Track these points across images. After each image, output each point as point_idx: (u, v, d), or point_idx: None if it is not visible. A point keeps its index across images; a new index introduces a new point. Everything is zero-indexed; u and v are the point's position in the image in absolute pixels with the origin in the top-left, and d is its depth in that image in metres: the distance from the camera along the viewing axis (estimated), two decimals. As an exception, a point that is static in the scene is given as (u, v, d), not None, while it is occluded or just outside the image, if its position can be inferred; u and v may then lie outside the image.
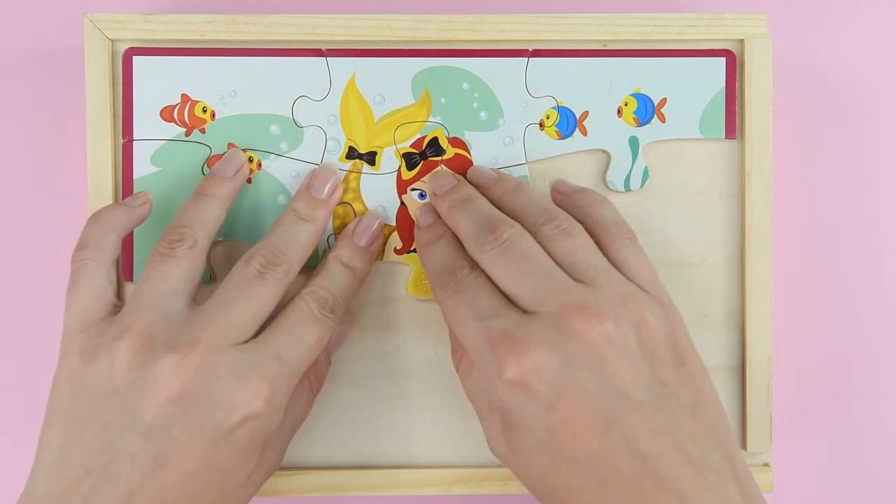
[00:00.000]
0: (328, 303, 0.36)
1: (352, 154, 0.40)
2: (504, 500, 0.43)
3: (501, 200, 0.37)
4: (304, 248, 0.37)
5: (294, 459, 0.40)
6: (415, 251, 0.40)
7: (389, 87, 0.40)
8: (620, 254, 0.35)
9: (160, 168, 0.39)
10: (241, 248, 0.39)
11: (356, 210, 0.40)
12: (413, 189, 0.40)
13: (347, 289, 0.37)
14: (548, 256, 0.34)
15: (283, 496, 0.39)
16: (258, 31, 0.39)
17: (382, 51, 0.40)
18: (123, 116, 0.39)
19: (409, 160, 0.40)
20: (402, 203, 0.40)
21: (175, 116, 0.39)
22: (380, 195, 0.40)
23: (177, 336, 0.33)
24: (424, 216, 0.38)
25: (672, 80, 0.40)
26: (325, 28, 0.39)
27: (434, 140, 0.40)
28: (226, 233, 0.39)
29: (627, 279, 0.34)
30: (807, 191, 0.44)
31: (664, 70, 0.40)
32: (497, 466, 0.40)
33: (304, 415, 0.37)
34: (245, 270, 0.35)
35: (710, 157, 0.40)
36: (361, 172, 0.40)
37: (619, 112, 0.40)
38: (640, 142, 0.40)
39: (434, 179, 0.39)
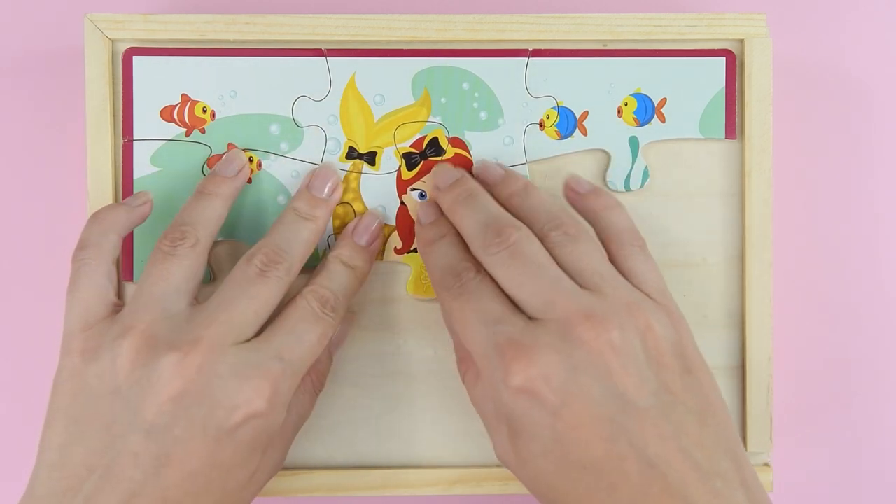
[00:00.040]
0: (329, 302, 0.36)
1: (352, 154, 0.40)
2: (504, 500, 0.43)
3: (509, 201, 0.37)
4: (306, 247, 0.37)
5: (294, 459, 0.40)
6: (415, 251, 0.40)
7: (389, 87, 0.40)
8: (629, 261, 0.35)
9: (160, 168, 0.39)
10: (242, 248, 0.39)
11: (356, 210, 0.40)
12: (413, 189, 0.40)
13: (348, 288, 0.37)
14: (554, 262, 0.34)
15: (284, 496, 0.39)
16: (258, 31, 0.39)
17: (382, 51, 0.40)
18: (123, 116, 0.39)
19: (409, 160, 0.40)
20: (402, 203, 0.40)
21: (175, 116, 0.39)
22: (380, 195, 0.40)
23: (178, 335, 0.33)
24: (426, 212, 0.38)
25: (672, 80, 0.40)
26: (325, 28, 0.39)
27: (434, 140, 0.40)
28: (226, 233, 0.39)
29: (634, 287, 0.34)
30: (807, 191, 0.44)
31: (664, 70, 0.40)
32: (497, 466, 0.40)
33: (306, 414, 0.37)
34: (246, 269, 0.35)
35: (710, 157, 0.40)
36: (361, 172, 0.40)
37: (619, 112, 0.40)
38: (640, 142, 0.40)
39: (437, 173, 0.38)
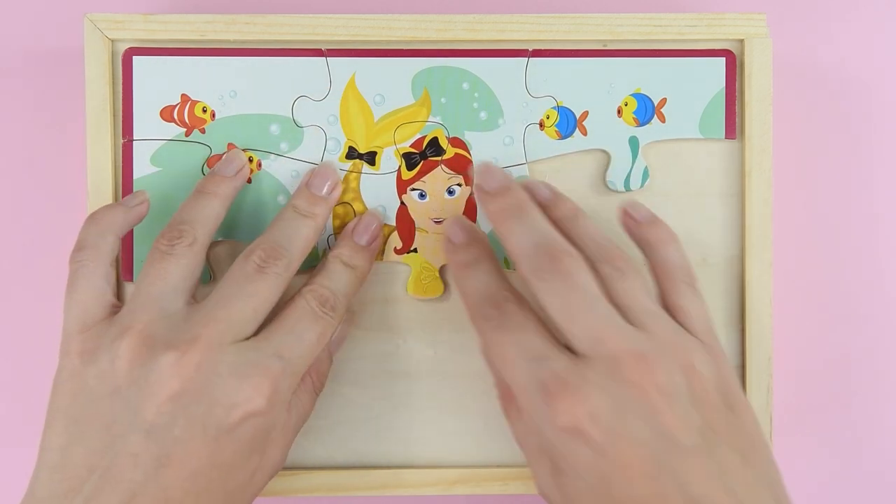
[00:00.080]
0: (329, 301, 0.36)
1: (352, 154, 0.40)
2: (504, 500, 0.43)
3: (556, 224, 0.36)
4: (305, 244, 0.37)
5: (294, 459, 0.40)
6: (415, 251, 0.40)
7: (389, 87, 0.40)
8: (678, 298, 0.35)
9: (160, 168, 0.39)
10: (241, 248, 0.39)
11: (356, 210, 0.40)
12: (413, 189, 0.40)
13: (348, 287, 0.37)
14: (603, 295, 0.33)
15: (284, 496, 0.39)
16: (258, 31, 0.39)
17: (382, 51, 0.40)
18: (123, 116, 0.39)
19: (409, 160, 0.40)
20: (402, 203, 0.40)
21: (175, 116, 0.39)
22: (380, 195, 0.40)
23: (176, 334, 0.33)
24: (457, 231, 0.37)
25: (672, 80, 0.40)
26: (325, 28, 0.39)
27: (434, 140, 0.40)
28: (226, 233, 0.39)
29: (680, 324, 0.34)
30: (807, 191, 0.44)
31: (664, 70, 0.40)
32: (497, 466, 0.40)
33: (307, 414, 0.37)
34: (245, 266, 0.35)
35: (710, 157, 0.40)
36: (361, 172, 0.40)
37: (619, 112, 0.40)
38: (640, 142, 0.40)
39: (483, 173, 0.36)
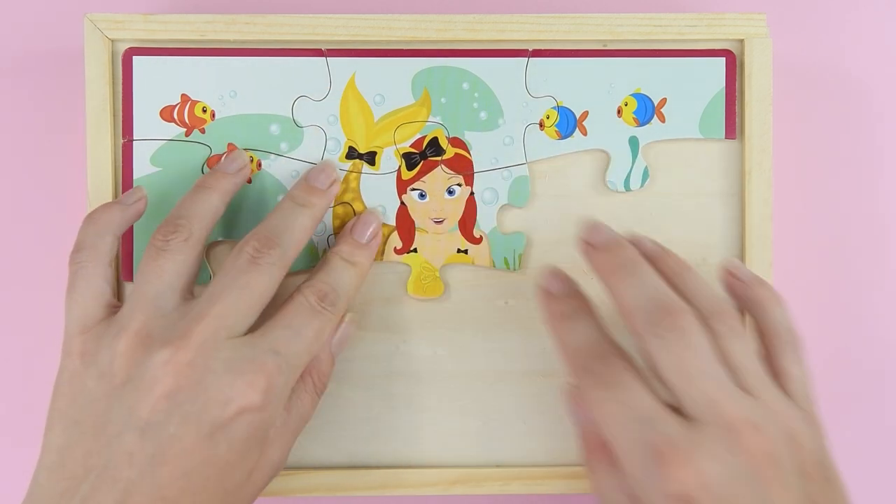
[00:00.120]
0: (328, 296, 0.36)
1: (352, 154, 0.40)
2: (504, 500, 0.43)
3: (670, 279, 0.35)
4: (301, 233, 0.36)
5: (294, 459, 0.40)
6: (415, 251, 0.40)
7: (389, 87, 0.40)
8: (783, 361, 0.34)
9: (160, 168, 0.39)
10: (241, 248, 0.39)
11: (356, 210, 0.40)
12: (413, 189, 0.40)
13: (348, 283, 0.37)
14: (715, 355, 0.32)
15: (284, 496, 0.39)
16: (258, 31, 0.39)
17: (382, 51, 0.40)
18: (123, 116, 0.39)
19: (409, 160, 0.40)
20: (402, 203, 0.40)
21: (175, 116, 0.39)
22: (380, 195, 0.40)
23: (171, 332, 0.33)
24: (555, 282, 0.36)
25: (672, 80, 0.40)
26: (325, 28, 0.39)
27: (434, 140, 0.40)
28: (226, 233, 0.39)
29: (782, 390, 0.34)
30: (807, 191, 0.44)
31: (664, 70, 0.40)
32: (497, 466, 0.40)
33: (307, 415, 0.37)
34: (237, 259, 0.35)
35: (710, 157, 0.40)
36: (361, 172, 0.40)
37: (619, 112, 0.40)
38: (640, 142, 0.40)
39: (591, 229, 0.35)
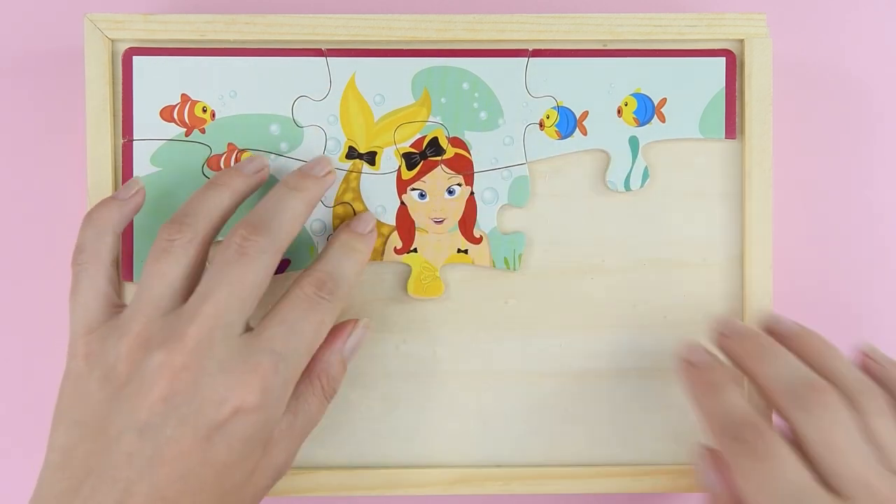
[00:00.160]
0: (326, 284, 0.35)
1: (352, 154, 0.40)
2: (504, 500, 0.43)
3: (808, 358, 0.35)
4: (292, 217, 0.35)
5: (295, 459, 0.40)
6: (415, 251, 0.40)
7: (389, 87, 0.40)
8: None
9: (160, 168, 0.39)
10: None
11: (356, 210, 0.40)
12: (413, 189, 0.40)
13: (349, 270, 0.36)
14: (863, 434, 0.33)
15: (284, 496, 0.39)
16: (258, 31, 0.39)
17: (382, 51, 0.40)
18: (123, 116, 0.39)
19: (409, 160, 0.40)
20: (402, 203, 0.40)
21: (175, 116, 0.39)
22: (380, 195, 0.40)
23: (167, 333, 0.33)
24: (700, 353, 0.37)
25: (672, 80, 0.40)
26: (325, 28, 0.39)
27: (434, 140, 0.40)
28: (225, 233, 0.39)
29: None
30: (807, 191, 0.44)
31: (664, 70, 0.40)
32: (497, 466, 0.40)
33: (315, 419, 0.36)
34: (226, 251, 0.34)
35: (710, 157, 0.40)
36: (361, 172, 0.40)
37: (619, 112, 0.40)
38: (640, 142, 0.40)
39: (725, 324, 0.37)
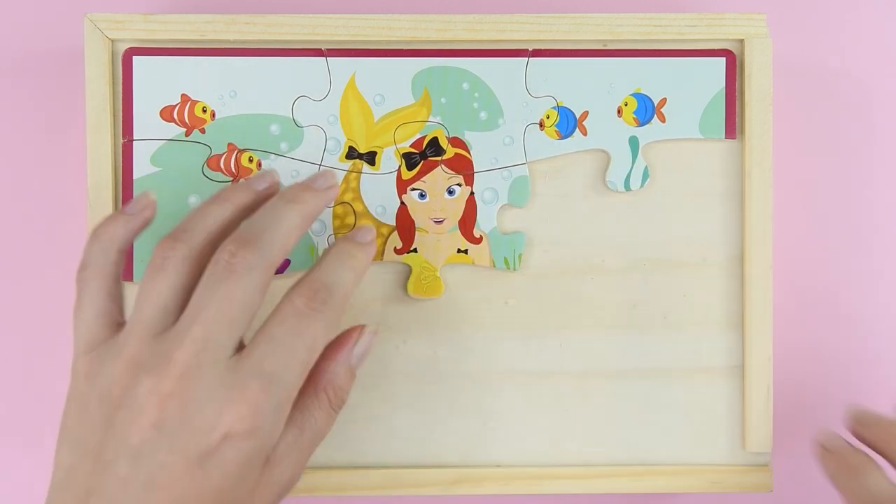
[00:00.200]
0: (318, 294, 0.33)
1: (352, 154, 0.40)
2: (504, 500, 0.43)
3: None
4: (287, 230, 0.33)
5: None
6: (415, 251, 0.40)
7: (389, 87, 0.40)
8: None
9: (160, 168, 0.39)
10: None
11: (356, 210, 0.40)
12: (413, 189, 0.40)
13: (345, 279, 0.34)
14: None
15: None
16: (258, 31, 0.39)
17: (382, 51, 0.40)
18: (123, 116, 0.39)
19: (409, 160, 0.40)
20: (402, 203, 0.40)
21: (175, 116, 0.39)
22: (380, 195, 0.40)
23: (157, 358, 0.32)
24: (835, 440, 0.38)
25: (672, 80, 0.40)
26: (325, 28, 0.39)
27: (434, 140, 0.40)
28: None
29: None
30: (807, 191, 0.44)
31: (664, 70, 0.40)
32: (497, 466, 0.40)
33: (323, 432, 0.35)
34: (215, 267, 0.32)
35: (710, 157, 0.40)
36: (361, 172, 0.40)
37: (619, 112, 0.40)
38: (640, 142, 0.40)
39: (861, 414, 0.38)
